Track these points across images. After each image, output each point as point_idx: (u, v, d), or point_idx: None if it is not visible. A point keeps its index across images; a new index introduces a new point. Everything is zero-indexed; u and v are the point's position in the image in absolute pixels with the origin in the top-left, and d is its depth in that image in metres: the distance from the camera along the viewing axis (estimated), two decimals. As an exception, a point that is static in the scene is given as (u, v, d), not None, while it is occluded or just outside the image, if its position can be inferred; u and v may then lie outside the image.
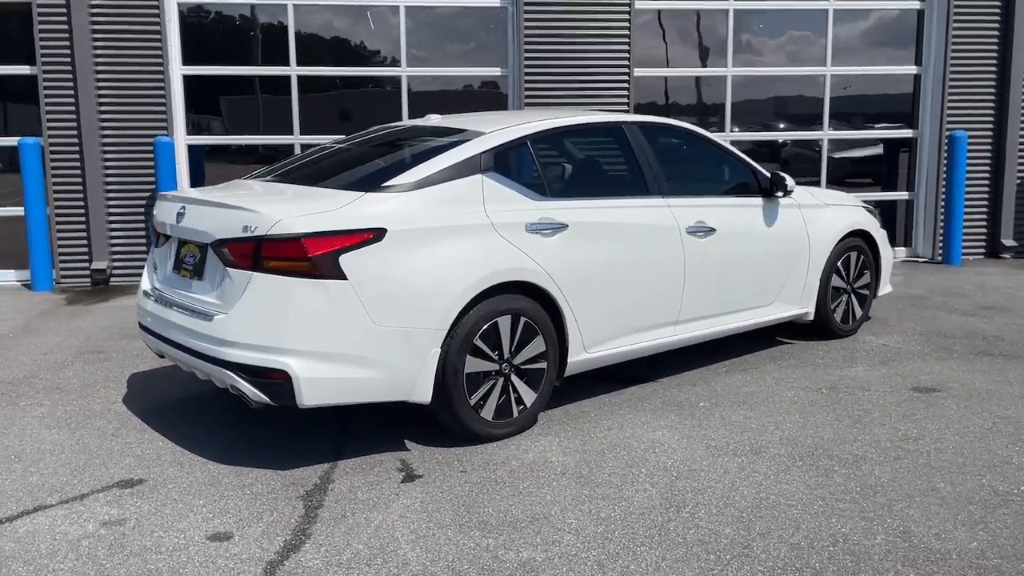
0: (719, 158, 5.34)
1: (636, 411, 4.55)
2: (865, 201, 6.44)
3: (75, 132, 8.31)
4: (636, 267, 4.59)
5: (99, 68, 8.26)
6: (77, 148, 8.33)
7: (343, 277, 3.61)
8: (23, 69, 8.38)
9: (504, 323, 4.04)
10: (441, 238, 3.88)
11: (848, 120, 9.71)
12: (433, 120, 4.87)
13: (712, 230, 4.97)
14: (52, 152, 8.32)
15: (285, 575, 2.92)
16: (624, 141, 4.83)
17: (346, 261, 3.61)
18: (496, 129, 4.35)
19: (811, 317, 5.78)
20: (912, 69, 9.57)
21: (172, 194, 4.27)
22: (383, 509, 3.42)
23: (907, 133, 9.69)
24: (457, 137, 4.30)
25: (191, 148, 8.77)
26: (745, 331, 5.46)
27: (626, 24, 8.78)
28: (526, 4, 8.62)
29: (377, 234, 3.70)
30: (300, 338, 3.57)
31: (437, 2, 8.84)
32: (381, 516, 3.35)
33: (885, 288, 6.39)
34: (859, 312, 6.07)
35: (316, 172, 4.38)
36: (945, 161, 9.27)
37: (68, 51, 8.18)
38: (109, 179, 8.41)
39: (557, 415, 4.51)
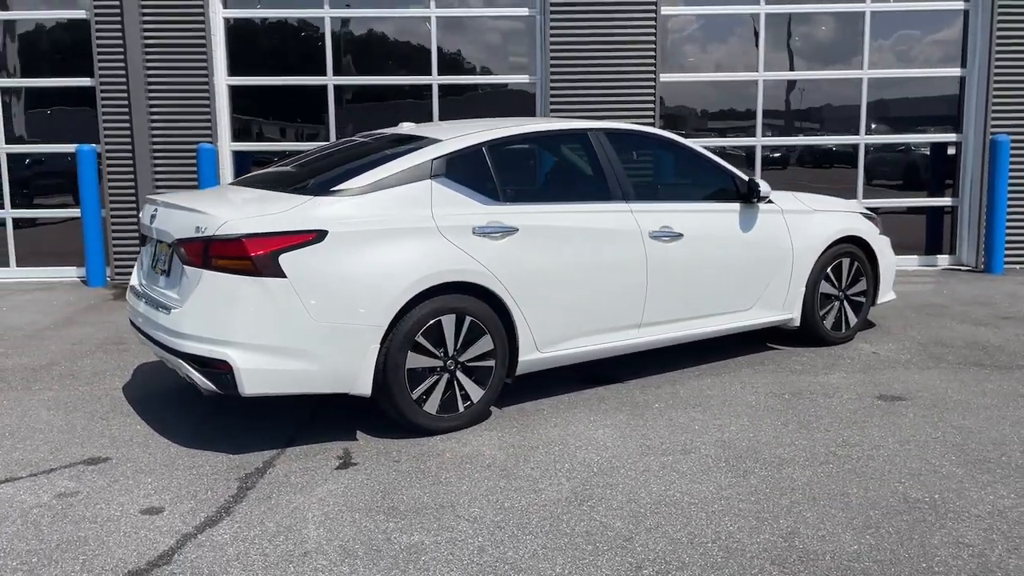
0: (694, 165, 5.39)
1: (589, 410, 4.67)
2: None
3: (128, 139, 8.92)
4: (592, 270, 4.70)
5: (150, 79, 8.84)
6: (130, 154, 8.94)
7: (283, 275, 3.87)
8: (84, 81, 9.05)
9: (448, 322, 4.23)
10: (384, 240, 4.10)
11: (896, 124, 9.51)
12: (405, 128, 5.11)
13: (679, 235, 5.04)
14: (108, 158, 8.95)
15: (193, 546, 3.19)
16: (589, 148, 4.95)
17: (286, 260, 3.88)
18: (453, 137, 4.55)
19: (796, 323, 5.75)
20: (956, 71, 9.30)
21: (152, 197, 4.63)
22: (307, 493, 3.66)
23: (951, 137, 9.41)
24: (414, 144, 4.52)
25: (239, 154, 9.28)
26: (723, 335, 5.50)
27: (652, 29, 8.84)
28: (552, 12, 8.79)
29: (318, 235, 3.96)
30: (242, 331, 3.85)
31: (468, 12, 9.10)
32: (302, 499, 3.60)
33: (886, 296, 6.29)
34: (853, 319, 6.00)
35: (287, 177, 4.66)
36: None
37: (123, 64, 8.79)
38: (158, 183, 8.98)
39: (512, 412, 4.68)
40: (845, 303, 5.96)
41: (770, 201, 5.55)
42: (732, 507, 3.44)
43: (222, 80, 9.10)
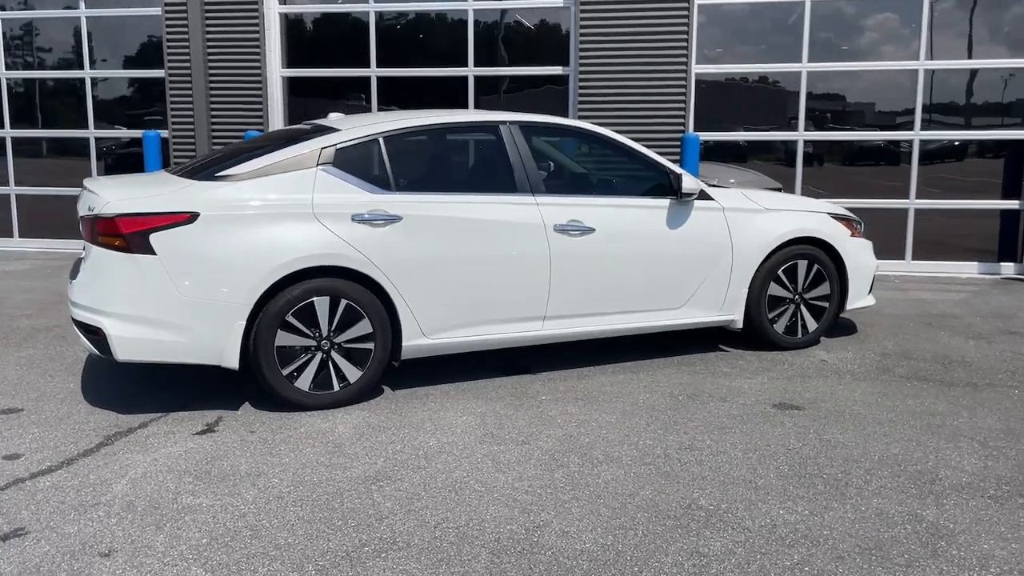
0: (621, 159, 5.32)
1: (474, 398, 4.75)
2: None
3: (191, 126, 9.67)
4: (485, 261, 4.77)
5: (211, 71, 9.55)
6: (192, 140, 9.69)
7: (152, 252, 4.21)
8: (158, 73, 9.89)
9: (321, 303, 4.45)
10: (257, 223, 4.36)
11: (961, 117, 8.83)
12: (330, 118, 5.34)
13: (590, 229, 5.01)
14: (174, 143, 9.74)
15: (14, 490, 3.58)
16: (499, 140, 5.01)
17: (156, 239, 4.22)
18: (350, 128, 4.75)
19: (739, 325, 5.56)
20: (1022, 63, 8.52)
21: (85, 181, 5.09)
22: (148, 453, 3.98)
23: (1019, 134, 8.62)
24: (312, 134, 4.75)
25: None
26: (651, 332, 5.40)
27: (684, 20, 8.63)
28: (582, 2, 8.76)
29: (190, 217, 4.27)
30: (115, 302, 4.23)
31: (504, 4, 9.22)
32: (139, 458, 3.92)
33: (859, 301, 5.93)
34: (812, 324, 5.72)
35: (202, 164, 4.98)
36: (1056, 167, 8.18)
37: (187, 57, 9.54)
38: (215, 167, 9.70)
39: (401, 394, 4.84)
40: (802, 307, 5.69)
41: (708, 197, 5.39)
42: (510, 497, 3.47)
43: (276, 72, 9.69)
